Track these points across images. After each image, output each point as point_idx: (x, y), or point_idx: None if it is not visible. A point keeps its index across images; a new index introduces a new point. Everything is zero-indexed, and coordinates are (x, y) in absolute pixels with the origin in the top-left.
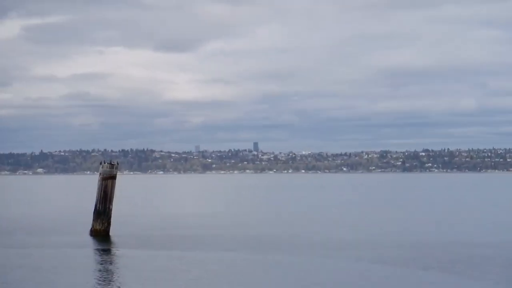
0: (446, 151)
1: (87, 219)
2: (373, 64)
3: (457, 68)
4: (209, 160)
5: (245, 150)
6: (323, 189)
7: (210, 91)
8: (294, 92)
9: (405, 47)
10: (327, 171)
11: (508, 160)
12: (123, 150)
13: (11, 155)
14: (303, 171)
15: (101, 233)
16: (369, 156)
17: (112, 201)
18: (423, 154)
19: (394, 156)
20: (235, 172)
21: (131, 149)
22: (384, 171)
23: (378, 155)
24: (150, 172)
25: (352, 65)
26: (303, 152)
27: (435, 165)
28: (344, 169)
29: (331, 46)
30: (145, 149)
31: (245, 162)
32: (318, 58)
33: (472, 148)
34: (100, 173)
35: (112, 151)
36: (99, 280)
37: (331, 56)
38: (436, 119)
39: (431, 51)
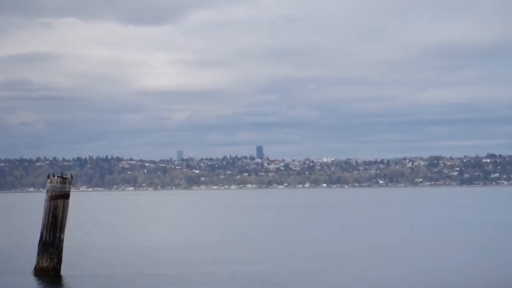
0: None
1: (30, 254)
2: (415, 40)
3: None
4: (197, 171)
5: (246, 157)
6: (350, 208)
7: (197, 77)
8: (310, 78)
9: (458, 17)
10: (357, 184)
11: None
12: (78, 159)
13: None
14: (325, 185)
15: (48, 272)
16: (414, 164)
17: (64, 229)
18: (488, 160)
19: (449, 163)
20: (232, 187)
21: (89, 156)
22: (434, 184)
23: (427, 163)
24: (116, 188)
25: (386, 42)
26: (324, 160)
27: (504, 176)
28: (381, 181)
29: (358, 15)
30: (109, 157)
31: (246, 174)
32: (340, 31)
33: None
34: (47, 190)
35: (64, 159)
36: None
37: (358, 28)
38: (505, 113)
39: (494, 22)
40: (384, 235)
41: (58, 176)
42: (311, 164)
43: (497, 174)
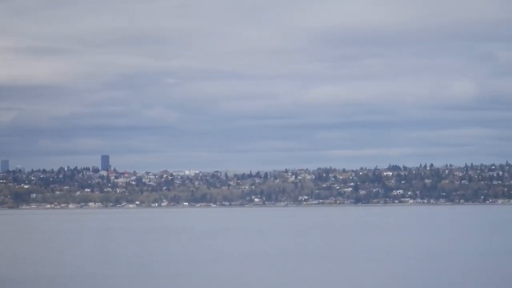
0: (428, 168)
1: None
2: (304, 25)
3: (447, 30)
4: (26, 186)
5: (88, 169)
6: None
7: (26, 68)
8: (170, 70)
9: None
10: (227, 203)
11: None
12: None
13: None
14: (186, 203)
15: None
16: (299, 178)
17: None
18: (390, 174)
19: (341, 177)
20: (71, 205)
21: None
22: (323, 202)
23: (314, 177)
24: None
25: (269, 26)
26: (186, 172)
27: (409, 193)
28: (257, 199)
29: None
30: None
31: (88, 190)
32: (210, 12)
33: (473, 164)
34: None
35: None
36: None
37: (233, 9)
38: (412, 115)
39: (399, 3)
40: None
41: None
42: (170, 177)
43: (401, 191)
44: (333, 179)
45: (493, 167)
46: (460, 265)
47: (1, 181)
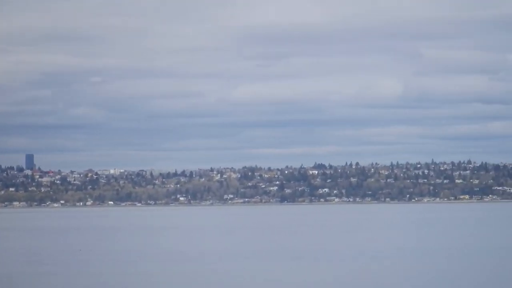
0: (354, 167)
1: None
2: (230, 23)
3: (374, 28)
4: None
5: (12, 169)
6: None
7: None
8: (96, 69)
9: None
10: (152, 202)
11: (459, 181)
12: None
13: None
14: (111, 202)
15: None
16: (224, 176)
17: None
18: (315, 172)
19: (266, 176)
20: None
21: None
22: (249, 201)
23: (239, 175)
24: None
25: (194, 24)
26: (112, 171)
27: (335, 191)
28: (182, 198)
29: None
30: None
31: (12, 189)
32: (136, 9)
33: (398, 162)
34: None
35: None
36: None
37: (160, 7)
38: (337, 113)
39: (331, 1)
40: None
41: None
42: (95, 176)
43: (327, 190)
44: (258, 178)
45: (419, 165)
46: (392, 263)
47: None
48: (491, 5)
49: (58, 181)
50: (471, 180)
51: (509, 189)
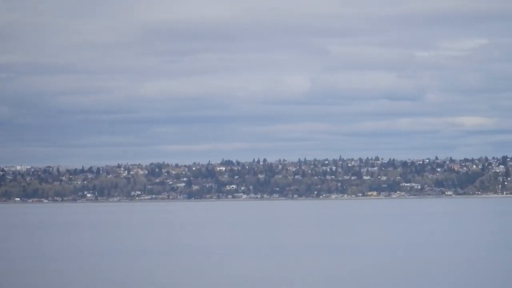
0: (261, 163)
1: None
2: (135, 18)
3: (282, 25)
4: None
5: None
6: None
7: None
8: (2, 64)
9: None
10: (59, 198)
11: (366, 178)
12: None
13: None
14: (18, 198)
15: None
16: (131, 173)
17: None
18: (223, 168)
19: (174, 172)
20: None
21: None
22: (156, 198)
23: (146, 172)
24: None
25: (100, 19)
26: (18, 167)
27: (242, 187)
28: (89, 195)
29: None
30: None
31: None
32: (41, 4)
33: (306, 159)
34: None
35: None
36: None
37: (65, 2)
38: (245, 109)
39: None
40: None
41: None
42: (1, 173)
43: (234, 186)
44: (166, 174)
45: (327, 162)
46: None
47: None
48: (398, 2)
49: None
50: (379, 177)
51: (417, 186)
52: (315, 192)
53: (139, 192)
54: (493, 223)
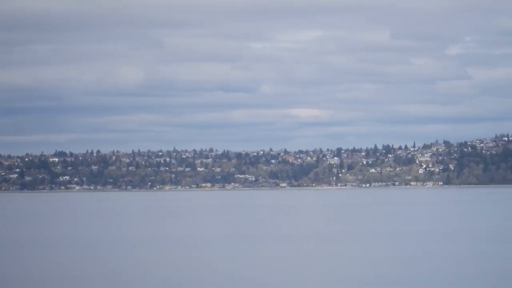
0: (95, 154)
1: None
2: None
3: (116, 15)
4: None
5: None
6: None
7: None
8: None
9: None
10: None
11: (200, 169)
12: None
13: None
14: None
15: None
16: None
17: None
18: (56, 160)
19: (7, 163)
20: None
21: None
22: None
23: None
24: None
25: None
26: None
27: (75, 179)
28: None
29: None
30: None
31: None
32: None
33: (140, 150)
34: None
35: None
36: None
37: None
38: (79, 101)
39: None
40: None
41: None
42: None
43: (67, 177)
44: None
45: (160, 153)
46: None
47: None
48: None
49: None
50: (213, 168)
51: (251, 177)
52: (149, 184)
53: None
54: (318, 215)
